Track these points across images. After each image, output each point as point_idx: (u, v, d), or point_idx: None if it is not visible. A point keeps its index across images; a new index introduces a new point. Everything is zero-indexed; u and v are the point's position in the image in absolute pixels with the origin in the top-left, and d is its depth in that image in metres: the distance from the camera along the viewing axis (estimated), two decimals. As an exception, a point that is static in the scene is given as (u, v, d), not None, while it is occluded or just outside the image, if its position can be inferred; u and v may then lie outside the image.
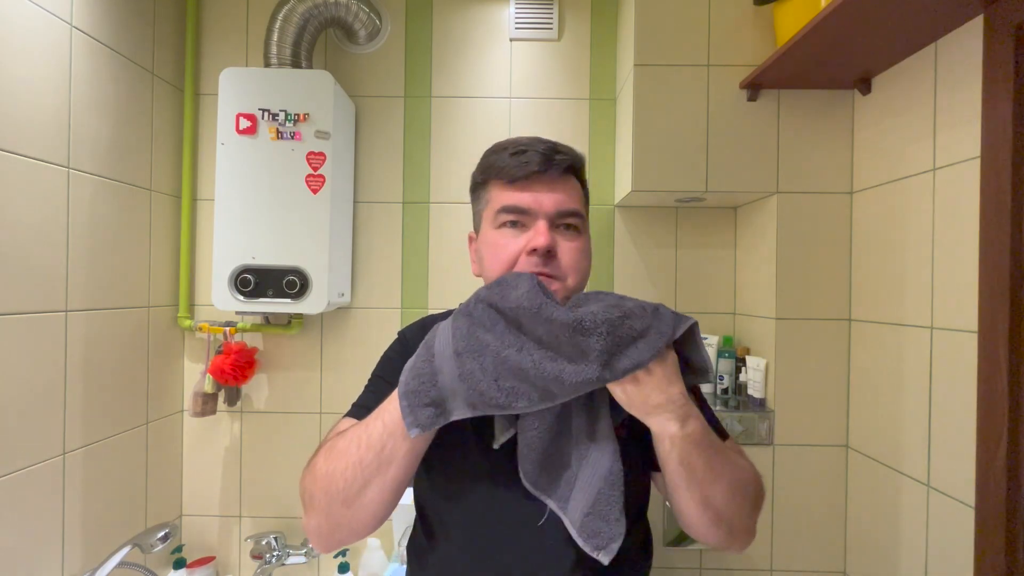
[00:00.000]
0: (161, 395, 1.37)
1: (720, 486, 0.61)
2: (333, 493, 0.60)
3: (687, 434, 0.59)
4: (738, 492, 0.63)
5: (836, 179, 1.24)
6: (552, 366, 0.55)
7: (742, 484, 0.64)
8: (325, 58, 1.46)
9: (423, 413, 0.57)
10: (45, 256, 1.02)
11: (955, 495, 0.94)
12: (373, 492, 0.60)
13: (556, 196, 0.69)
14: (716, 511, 0.62)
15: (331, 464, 0.61)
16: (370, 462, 0.60)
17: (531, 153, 0.68)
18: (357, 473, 0.60)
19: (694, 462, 0.60)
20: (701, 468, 0.60)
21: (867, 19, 0.94)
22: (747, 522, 0.65)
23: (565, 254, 0.68)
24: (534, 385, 0.56)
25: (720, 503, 0.61)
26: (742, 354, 1.34)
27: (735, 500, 0.63)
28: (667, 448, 0.60)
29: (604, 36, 1.46)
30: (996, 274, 0.86)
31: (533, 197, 0.68)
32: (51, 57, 1.03)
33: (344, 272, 1.39)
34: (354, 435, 0.62)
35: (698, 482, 0.60)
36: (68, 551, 1.08)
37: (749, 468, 0.68)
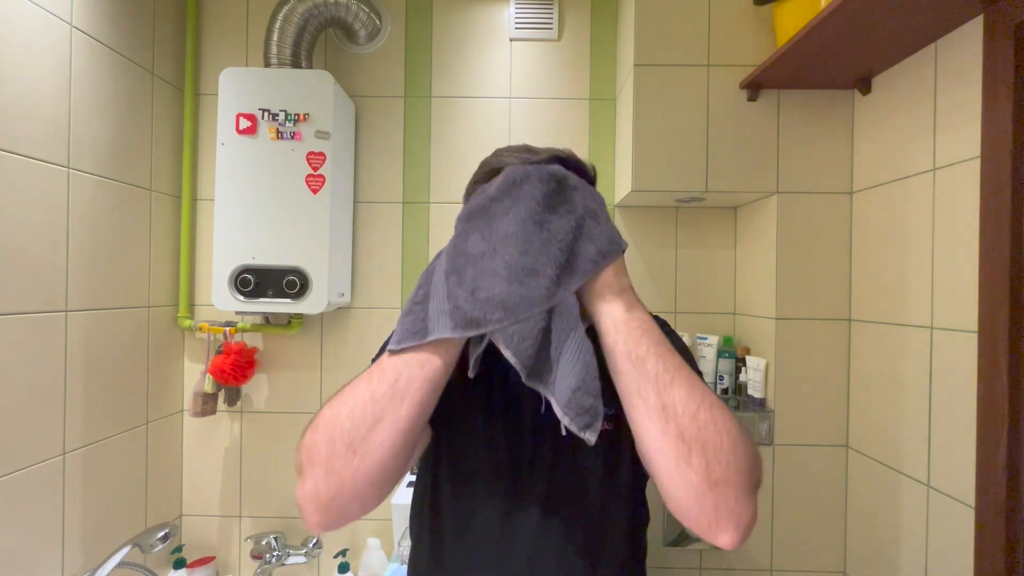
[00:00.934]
0: (161, 395, 1.37)
1: (681, 391, 0.51)
2: (337, 437, 0.53)
3: (631, 318, 0.55)
4: (711, 412, 0.50)
5: (836, 179, 1.24)
6: (523, 259, 0.56)
7: (719, 407, 0.52)
8: (325, 58, 1.46)
9: (442, 321, 0.56)
10: (45, 256, 1.02)
11: (955, 495, 0.94)
12: (384, 432, 0.53)
13: None
14: (680, 427, 0.50)
15: (336, 407, 0.55)
16: (383, 395, 0.54)
17: (508, 158, 0.68)
18: (368, 409, 0.53)
19: (643, 353, 0.53)
20: (653, 363, 0.52)
21: (867, 19, 0.94)
22: (733, 472, 0.49)
23: None
24: (526, 276, 0.55)
25: (684, 415, 0.50)
26: (742, 354, 1.34)
27: (708, 420, 0.50)
28: (612, 337, 0.55)
29: (604, 36, 1.46)
30: (996, 274, 0.86)
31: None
32: (51, 57, 1.03)
33: (344, 272, 1.39)
34: (363, 374, 0.58)
35: (652, 380, 0.52)
36: (68, 551, 1.08)
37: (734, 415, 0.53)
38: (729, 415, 0.52)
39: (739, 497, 0.49)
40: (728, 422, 0.50)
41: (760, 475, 0.52)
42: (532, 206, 0.58)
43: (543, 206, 0.58)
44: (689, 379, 0.52)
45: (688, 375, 0.53)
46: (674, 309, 1.45)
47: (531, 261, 0.56)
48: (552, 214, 0.59)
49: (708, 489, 0.48)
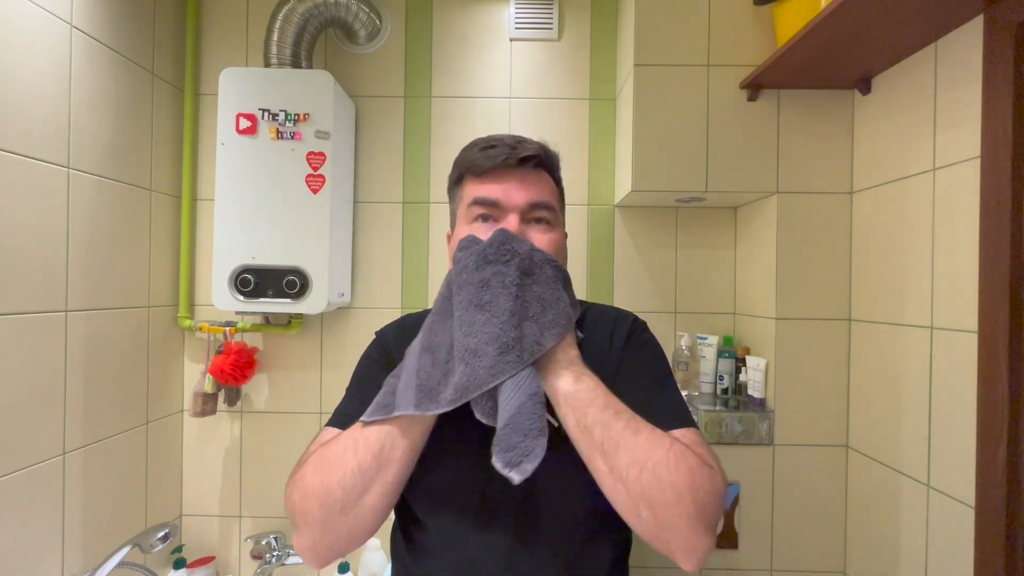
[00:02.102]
0: (161, 395, 1.37)
1: (624, 457, 0.55)
2: (331, 504, 0.59)
3: (578, 390, 0.59)
4: (654, 470, 0.54)
5: (836, 179, 1.24)
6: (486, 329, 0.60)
7: (663, 463, 0.54)
8: (325, 58, 1.46)
9: (407, 397, 0.61)
10: (45, 256, 1.02)
11: (955, 495, 0.94)
12: (373, 496, 0.59)
13: (527, 189, 0.69)
14: (627, 487, 0.55)
15: (325, 475, 0.60)
16: (369, 465, 0.59)
17: (500, 147, 0.69)
18: (357, 479, 0.59)
19: (589, 424, 0.57)
20: (599, 432, 0.56)
21: (867, 19, 0.94)
22: (677, 518, 0.54)
23: (541, 245, 0.68)
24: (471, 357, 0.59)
25: (629, 478, 0.55)
26: (742, 354, 1.34)
27: (651, 480, 0.54)
28: (564, 410, 0.59)
29: (604, 36, 1.46)
30: (996, 274, 0.86)
31: (503, 189, 0.69)
32: (51, 57, 1.03)
33: (344, 272, 1.39)
34: (347, 441, 0.61)
35: (599, 448, 0.56)
36: (68, 551, 1.08)
37: (686, 456, 0.56)
38: (679, 465, 0.55)
39: (688, 536, 0.55)
40: (675, 476, 0.54)
41: (715, 512, 0.56)
42: (472, 292, 0.62)
43: (492, 289, 0.62)
44: (632, 442, 0.56)
45: (631, 437, 0.56)
46: (674, 309, 1.45)
47: (474, 343, 0.59)
48: (500, 297, 0.61)
49: (659, 533, 0.55)
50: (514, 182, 0.69)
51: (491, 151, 0.69)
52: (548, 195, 0.71)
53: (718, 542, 1.27)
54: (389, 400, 0.62)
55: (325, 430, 0.71)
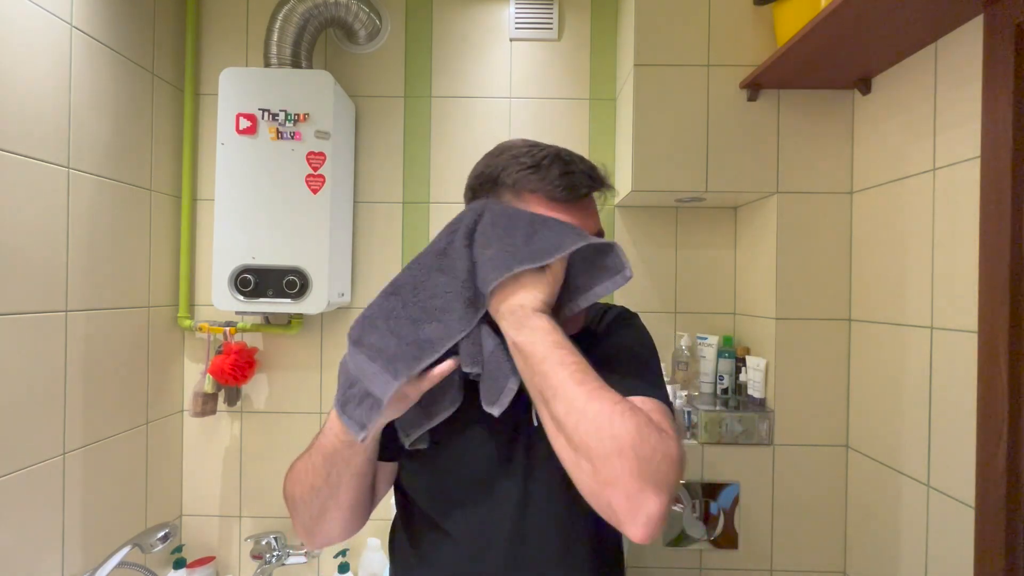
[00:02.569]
0: (161, 395, 1.37)
1: (560, 406, 0.54)
2: (302, 517, 0.66)
3: (520, 341, 0.57)
4: (595, 422, 0.52)
5: (836, 179, 1.24)
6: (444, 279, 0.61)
7: (606, 417, 0.52)
8: (325, 58, 1.46)
9: (360, 411, 0.58)
10: (45, 256, 1.02)
11: (955, 495, 0.94)
12: (332, 518, 0.66)
13: (593, 219, 0.70)
14: (567, 436, 0.53)
15: (294, 488, 0.67)
16: (320, 487, 0.64)
17: (579, 175, 0.67)
18: (313, 500, 0.65)
19: (531, 374, 0.56)
20: (539, 381, 0.55)
21: (867, 19, 0.94)
22: (621, 474, 0.50)
23: None
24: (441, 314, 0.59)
25: (568, 426, 0.53)
26: (742, 354, 1.34)
27: (590, 430, 0.52)
28: (515, 359, 0.59)
29: (604, 36, 1.46)
30: (996, 274, 0.86)
31: (578, 216, 0.67)
32: (51, 57, 1.03)
33: (344, 272, 1.39)
34: (307, 461, 0.66)
35: (539, 396, 0.56)
36: (68, 551, 1.08)
37: (636, 417, 0.53)
38: (625, 421, 0.52)
39: (632, 494, 0.50)
40: (615, 427, 0.51)
41: (666, 472, 0.51)
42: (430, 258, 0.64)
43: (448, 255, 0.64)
44: (571, 392, 0.54)
45: (571, 388, 0.54)
46: (674, 309, 1.45)
47: (441, 302, 0.60)
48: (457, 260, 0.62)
49: (600, 489, 0.52)
50: (580, 214, 0.67)
51: (573, 179, 0.66)
52: (598, 225, 0.72)
53: (717, 542, 1.27)
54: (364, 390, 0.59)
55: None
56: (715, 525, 1.26)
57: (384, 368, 0.57)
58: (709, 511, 1.26)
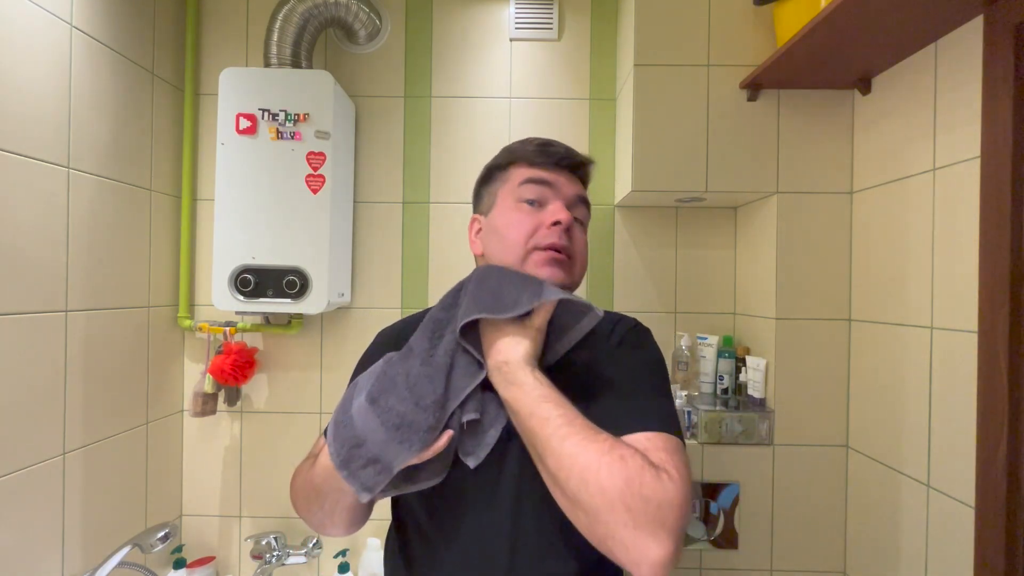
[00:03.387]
0: (161, 395, 1.37)
1: (551, 461, 0.54)
2: (306, 518, 0.71)
3: (507, 399, 0.60)
4: (581, 477, 0.52)
5: (836, 179, 1.24)
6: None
7: (592, 471, 0.52)
8: (325, 58, 1.46)
9: (365, 474, 0.57)
10: (45, 256, 1.02)
11: (955, 495, 0.94)
12: (332, 530, 0.71)
13: (575, 186, 0.75)
14: (563, 490, 0.54)
15: (296, 501, 0.72)
16: (317, 511, 0.68)
17: (558, 147, 0.75)
18: (312, 518, 0.70)
19: (523, 430, 0.59)
20: (528, 437, 0.58)
21: (867, 19, 0.94)
22: (614, 527, 0.50)
23: (577, 240, 0.73)
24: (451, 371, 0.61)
25: (560, 481, 0.54)
26: (742, 354, 1.34)
27: (578, 487, 0.52)
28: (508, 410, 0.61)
29: (604, 36, 1.46)
30: (996, 274, 0.86)
31: (555, 177, 0.74)
32: (51, 57, 1.03)
33: (344, 272, 1.39)
34: (304, 480, 0.69)
35: (533, 452, 0.58)
36: (68, 551, 1.08)
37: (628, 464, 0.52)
38: (605, 473, 0.51)
39: (630, 547, 0.50)
40: (602, 481, 0.51)
41: (669, 523, 0.50)
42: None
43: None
44: (557, 449, 0.54)
45: (556, 445, 0.54)
46: (674, 309, 1.45)
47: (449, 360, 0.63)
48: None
49: (599, 541, 0.53)
50: (565, 177, 0.75)
51: (550, 148, 0.74)
52: (587, 197, 0.78)
53: (717, 542, 1.27)
54: (374, 454, 0.58)
55: (320, 439, 0.73)
56: (715, 525, 1.26)
57: (401, 439, 0.57)
58: (709, 511, 1.26)
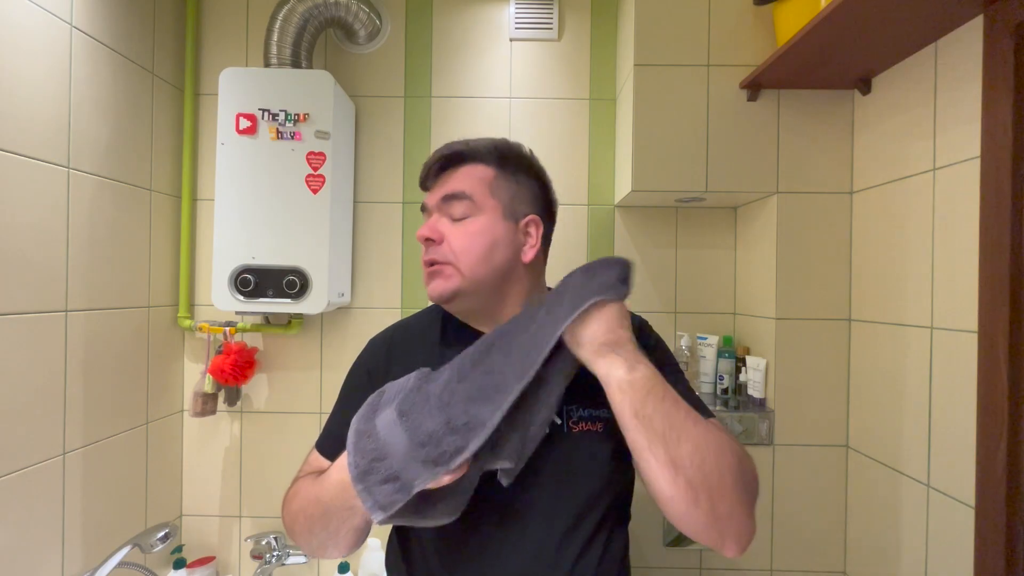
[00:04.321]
0: (161, 395, 1.37)
1: (687, 446, 0.54)
2: (305, 539, 0.66)
3: (635, 379, 0.56)
4: (715, 458, 0.54)
5: (836, 179, 1.24)
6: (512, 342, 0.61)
7: (719, 451, 0.55)
8: (325, 58, 1.46)
9: (382, 492, 0.53)
10: (45, 256, 1.02)
11: (955, 495, 0.94)
12: (332, 550, 0.66)
13: (443, 187, 0.72)
14: (688, 477, 0.53)
15: (293, 523, 0.67)
16: (319, 532, 0.64)
17: (426, 164, 0.74)
18: (311, 540, 0.65)
19: (650, 413, 0.55)
20: (660, 421, 0.54)
21: (867, 19, 0.94)
22: (735, 504, 0.54)
23: (455, 239, 0.69)
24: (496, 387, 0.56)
25: (691, 467, 0.53)
26: (742, 354, 1.34)
27: (713, 467, 0.54)
28: (618, 398, 0.56)
29: (604, 36, 1.46)
30: (996, 274, 0.86)
31: (429, 195, 0.75)
32: (51, 57, 1.03)
33: (344, 272, 1.39)
34: (302, 505, 0.65)
35: (660, 438, 0.54)
36: (68, 551, 1.08)
37: (731, 441, 0.58)
38: (730, 451, 0.56)
39: (742, 522, 0.56)
40: (730, 460, 0.56)
41: (757, 490, 0.59)
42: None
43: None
44: (694, 431, 0.55)
45: (692, 427, 0.55)
46: (674, 309, 1.45)
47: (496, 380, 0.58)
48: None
49: (714, 522, 0.54)
50: (436, 183, 0.74)
51: (423, 170, 0.75)
52: (465, 184, 0.70)
53: (718, 542, 1.27)
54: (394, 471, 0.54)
55: (312, 452, 0.74)
56: (715, 525, 1.26)
57: (425, 458, 0.53)
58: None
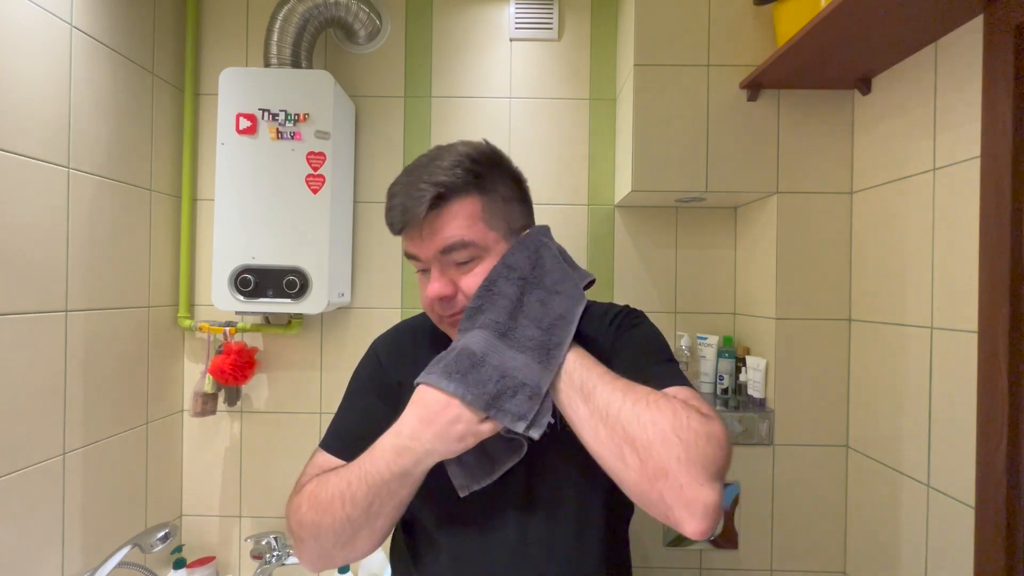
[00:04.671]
0: (161, 395, 1.37)
1: (602, 396, 0.56)
2: (323, 541, 0.62)
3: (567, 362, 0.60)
4: (633, 409, 0.52)
5: (836, 179, 1.24)
6: None
7: (656, 408, 0.53)
8: (325, 58, 1.46)
9: (516, 403, 0.57)
10: (45, 256, 1.02)
11: (955, 495, 0.94)
12: (363, 540, 0.62)
13: (434, 240, 0.64)
14: (608, 424, 0.53)
15: (317, 515, 0.62)
16: (358, 518, 0.60)
17: (395, 209, 0.65)
18: (345, 527, 0.60)
19: (570, 370, 0.59)
20: (578, 375, 0.59)
21: (867, 19, 0.94)
22: (669, 462, 0.49)
23: (469, 288, 0.65)
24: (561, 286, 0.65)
25: (610, 413, 0.54)
26: (742, 354, 1.34)
27: (630, 416, 0.52)
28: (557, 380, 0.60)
29: (604, 36, 1.46)
30: (996, 274, 0.86)
31: (417, 247, 0.66)
32: (51, 57, 1.03)
33: (344, 272, 1.39)
34: (336, 490, 0.61)
35: (577, 390, 0.58)
36: (68, 551, 1.08)
37: (683, 409, 0.53)
38: (655, 407, 0.53)
39: (684, 486, 0.49)
40: (653, 413, 0.52)
41: (713, 456, 0.51)
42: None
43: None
44: (610, 384, 0.56)
45: (609, 380, 0.57)
46: (674, 309, 1.45)
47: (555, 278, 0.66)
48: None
49: (649, 485, 0.50)
50: (425, 232, 0.64)
51: (390, 215, 0.66)
52: (463, 230, 0.64)
53: (717, 542, 1.27)
54: (518, 380, 0.59)
55: (318, 452, 0.72)
56: (715, 525, 1.26)
57: (540, 359, 0.59)
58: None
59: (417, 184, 0.63)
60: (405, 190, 0.64)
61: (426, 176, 0.64)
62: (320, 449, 0.72)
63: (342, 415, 0.75)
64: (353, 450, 0.64)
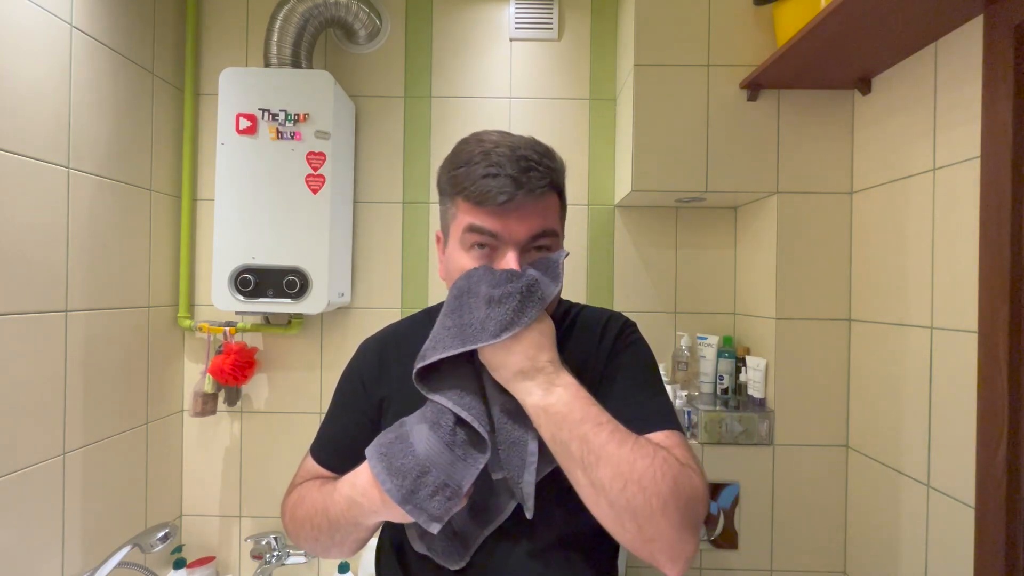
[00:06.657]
0: (161, 395, 1.37)
1: (606, 470, 0.52)
2: (311, 543, 0.68)
3: (550, 404, 0.55)
4: (640, 482, 0.52)
5: (836, 179, 1.24)
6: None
7: (646, 474, 0.52)
8: (325, 58, 1.46)
9: (434, 504, 0.56)
10: (45, 256, 1.02)
11: (955, 495, 0.94)
12: (336, 553, 0.68)
13: (529, 221, 0.62)
14: (610, 500, 0.52)
15: (296, 528, 0.68)
16: (326, 541, 0.66)
17: (503, 179, 0.59)
18: (318, 543, 0.67)
19: (566, 438, 0.54)
20: (576, 446, 0.54)
21: (867, 19, 0.94)
22: (664, 528, 0.52)
23: None
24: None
25: (612, 491, 0.52)
26: (742, 354, 1.34)
27: (636, 491, 0.52)
28: (537, 422, 0.57)
29: (604, 36, 1.46)
30: (996, 274, 0.86)
31: (503, 224, 0.61)
32: (51, 57, 1.03)
33: (344, 272, 1.39)
34: (308, 513, 0.66)
35: (578, 463, 0.54)
36: (68, 551, 1.08)
37: (666, 462, 0.53)
38: (660, 473, 0.52)
39: (673, 544, 0.53)
40: (659, 486, 0.52)
41: (699, 515, 0.55)
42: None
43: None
44: (616, 455, 0.53)
45: (615, 450, 0.53)
46: (674, 309, 1.45)
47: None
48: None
49: (644, 544, 0.53)
50: (515, 215, 0.61)
51: (492, 182, 0.60)
52: (552, 220, 0.64)
53: (717, 542, 1.27)
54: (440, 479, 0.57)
55: (308, 460, 0.74)
56: (715, 525, 1.26)
57: (465, 456, 0.57)
58: (709, 511, 1.26)
59: (528, 167, 0.61)
60: (511, 168, 0.60)
61: (535, 157, 0.62)
62: (308, 456, 0.75)
63: (329, 423, 0.76)
64: (337, 462, 0.70)
